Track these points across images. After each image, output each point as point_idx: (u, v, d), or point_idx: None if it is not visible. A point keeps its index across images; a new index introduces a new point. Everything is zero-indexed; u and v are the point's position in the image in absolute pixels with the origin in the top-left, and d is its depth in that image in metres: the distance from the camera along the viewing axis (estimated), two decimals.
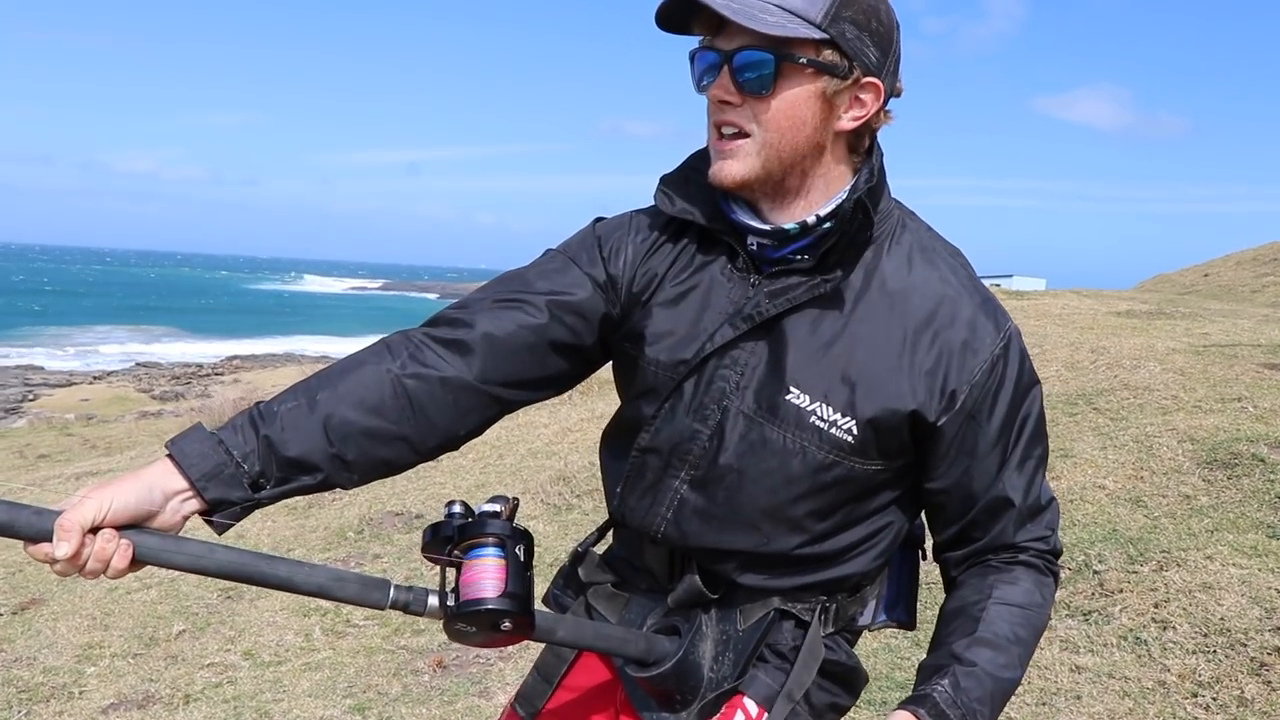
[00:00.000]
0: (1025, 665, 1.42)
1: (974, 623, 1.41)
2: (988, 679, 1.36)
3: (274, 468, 1.34)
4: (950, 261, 1.45)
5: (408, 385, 1.41)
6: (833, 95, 1.35)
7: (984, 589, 1.44)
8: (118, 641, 4.73)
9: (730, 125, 1.36)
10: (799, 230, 1.40)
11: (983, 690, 1.35)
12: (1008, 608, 1.41)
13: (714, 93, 1.36)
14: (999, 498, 1.43)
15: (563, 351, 1.48)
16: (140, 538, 1.26)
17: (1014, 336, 1.42)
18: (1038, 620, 1.44)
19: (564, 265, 1.50)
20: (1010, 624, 1.40)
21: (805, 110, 1.34)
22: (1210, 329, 10.58)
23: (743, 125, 1.36)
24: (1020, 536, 1.45)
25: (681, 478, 1.46)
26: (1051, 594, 1.47)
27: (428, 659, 4.31)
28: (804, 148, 1.37)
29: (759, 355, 1.41)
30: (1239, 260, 24.05)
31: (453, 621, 1.32)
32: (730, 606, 1.51)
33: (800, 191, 1.40)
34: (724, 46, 1.33)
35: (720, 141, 1.38)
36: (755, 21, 1.28)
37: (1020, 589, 1.43)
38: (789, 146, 1.36)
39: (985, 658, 1.37)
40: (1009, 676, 1.39)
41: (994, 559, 1.47)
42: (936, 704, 1.33)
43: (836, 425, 1.38)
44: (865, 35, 1.33)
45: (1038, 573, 1.46)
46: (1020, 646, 1.40)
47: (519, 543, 1.35)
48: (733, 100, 1.34)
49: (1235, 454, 5.34)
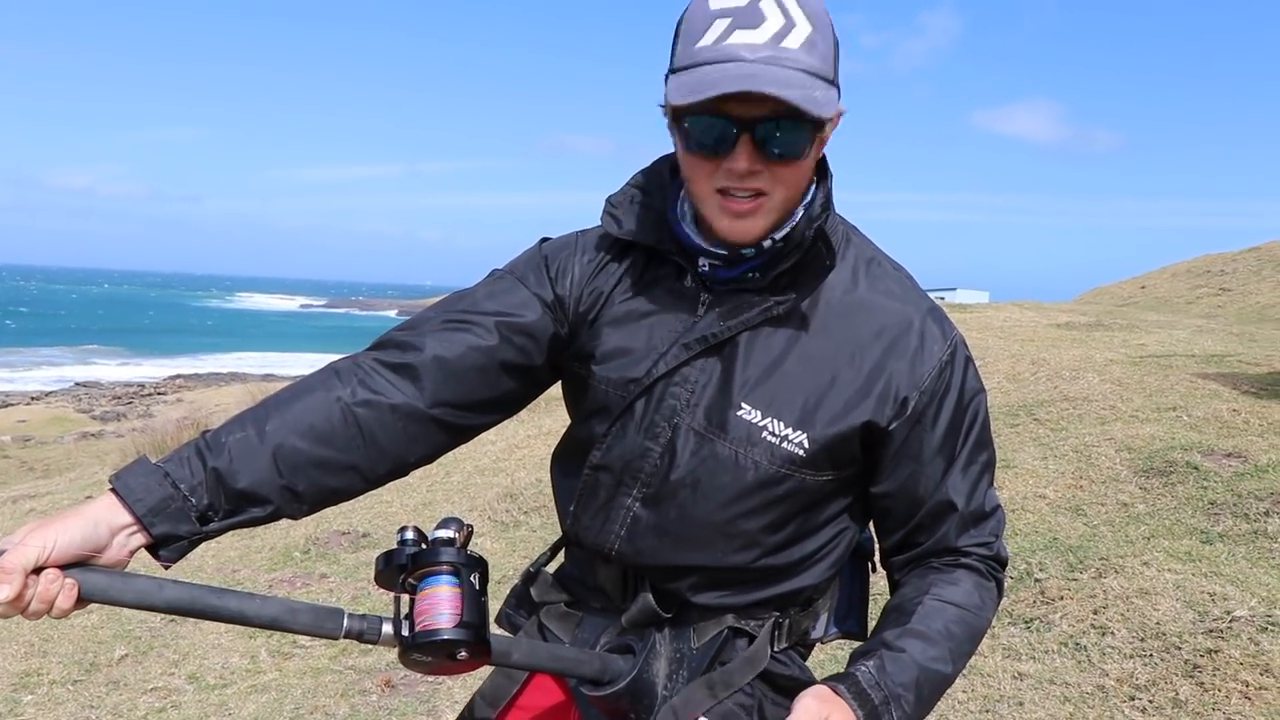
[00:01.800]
0: (958, 663, 1.41)
1: (907, 616, 1.41)
2: (914, 667, 1.36)
3: (223, 500, 1.31)
4: (894, 274, 1.47)
5: (358, 414, 1.39)
6: (820, 139, 1.35)
7: (923, 587, 1.45)
8: (57, 668, 4.64)
9: (746, 191, 1.34)
10: (755, 252, 1.40)
11: (908, 676, 1.35)
12: (943, 604, 1.42)
13: (738, 165, 1.31)
14: (942, 502, 1.44)
15: (512, 372, 1.48)
16: (85, 576, 1.22)
17: (959, 344, 1.45)
18: (974, 621, 1.44)
19: (512, 286, 1.50)
20: (944, 620, 1.41)
21: (811, 161, 1.35)
22: (1147, 340, 10.82)
23: (762, 188, 1.33)
24: (963, 541, 1.46)
25: (634, 495, 1.46)
26: (993, 599, 1.48)
27: (375, 679, 4.28)
28: (803, 190, 1.38)
29: (709, 373, 1.42)
30: (1174, 273, 24.58)
31: (408, 652, 1.31)
32: (684, 625, 1.51)
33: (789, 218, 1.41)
34: (742, 114, 1.29)
35: (733, 203, 1.34)
36: (816, 106, 1.26)
37: (959, 589, 1.44)
38: (797, 196, 1.37)
39: (914, 647, 1.37)
40: (938, 669, 1.38)
41: (936, 562, 1.48)
42: (858, 683, 1.32)
43: (788, 440, 1.39)
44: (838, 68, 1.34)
45: (979, 576, 1.47)
46: (952, 642, 1.40)
47: (473, 570, 1.33)
48: (758, 169, 1.32)
49: (1170, 462, 5.47)
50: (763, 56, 1.26)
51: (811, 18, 1.29)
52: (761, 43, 1.27)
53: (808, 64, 1.27)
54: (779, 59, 1.26)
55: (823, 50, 1.29)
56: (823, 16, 1.31)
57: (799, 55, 1.27)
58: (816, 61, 1.28)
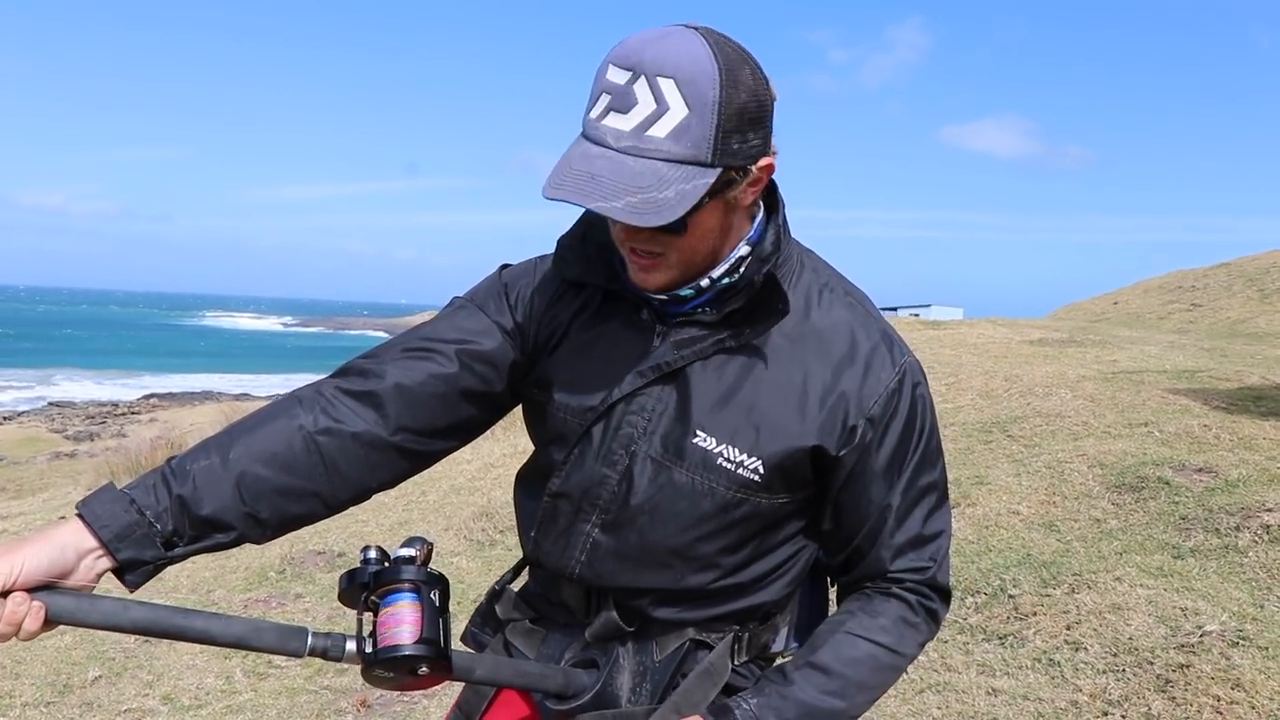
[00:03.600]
0: (859, 698, 1.44)
1: (814, 648, 1.45)
2: (801, 704, 1.40)
3: (187, 526, 1.34)
4: (846, 299, 1.49)
5: (320, 442, 1.42)
6: (733, 198, 1.36)
7: (843, 616, 1.48)
8: (29, 690, 4.59)
9: (645, 252, 1.37)
10: (694, 292, 1.43)
11: (791, 713, 1.39)
12: (854, 638, 1.44)
13: (618, 233, 1.37)
14: (879, 525, 1.46)
15: (473, 399, 1.51)
16: (52, 599, 1.25)
17: (909, 369, 1.46)
18: (885, 659, 1.46)
19: (472, 314, 1.52)
20: (851, 653, 1.43)
21: (714, 223, 1.36)
22: (1119, 356, 10.92)
23: (657, 250, 1.36)
24: (897, 565, 1.47)
25: (593, 521, 1.49)
26: (917, 633, 1.49)
27: (351, 699, 4.27)
28: (716, 243, 1.39)
29: (665, 401, 1.44)
30: (1146, 288, 24.82)
31: (370, 668, 1.34)
32: (646, 639, 1.53)
33: (711, 266, 1.42)
34: None
35: (636, 257, 1.38)
36: (660, 215, 1.26)
37: (877, 623, 1.46)
38: (705, 252, 1.38)
39: (811, 680, 1.41)
40: (830, 705, 1.41)
41: (870, 587, 1.50)
42: None
43: (743, 465, 1.42)
44: (748, 134, 1.31)
45: (906, 608, 1.48)
46: (855, 677, 1.43)
47: (434, 587, 1.36)
48: (640, 239, 1.35)
49: (1142, 478, 5.52)
50: (624, 146, 1.27)
51: (692, 103, 1.26)
52: (627, 130, 1.27)
53: (670, 152, 1.26)
54: (639, 149, 1.26)
55: (698, 135, 1.27)
56: (706, 99, 1.27)
57: (663, 144, 1.26)
58: (684, 149, 1.26)
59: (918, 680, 3.83)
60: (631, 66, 1.27)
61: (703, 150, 1.27)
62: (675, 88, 1.26)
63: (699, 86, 1.26)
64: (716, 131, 1.27)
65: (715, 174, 1.29)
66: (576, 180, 1.27)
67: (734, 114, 1.28)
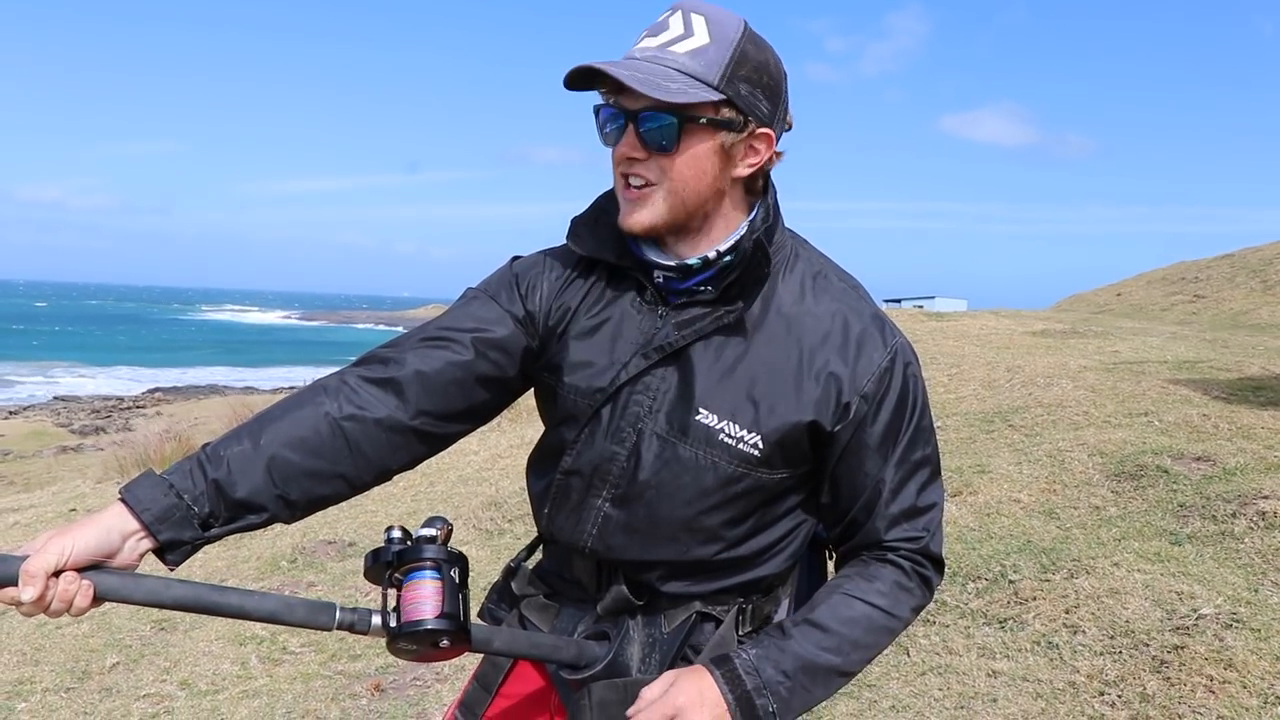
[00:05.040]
0: (854, 655, 1.52)
1: (813, 606, 1.53)
2: (799, 656, 1.47)
3: (222, 508, 1.44)
4: (839, 285, 1.59)
5: (345, 427, 1.52)
6: (730, 147, 1.49)
7: (840, 579, 1.57)
8: (49, 676, 4.69)
9: (638, 177, 1.49)
10: (701, 264, 1.54)
11: (789, 665, 1.47)
12: (850, 599, 1.53)
13: (621, 150, 1.48)
14: (874, 497, 1.55)
15: (487, 384, 1.61)
16: (100, 577, 1.36)
17: (900, 349, 1.56)
18: (880, 620, 1.54)
19: (485, 304, 1.63)
20: (848, 614, 1.51)
21: (706, 162, 1.48)
22: (1120, 347, 10.98)
23: (649, 177, 1.48)
24: (891, 535, 1.56)
25: (604, 496, 1.58)
26: (911, 596, 1.57)
27: (365, 683, 4.36)
28: (706, 194, 1.50)
29: (669, 380, 1.54)
30: (1149, 280, 24.84)
31: (395, 640, 1.44)
32: (655, 612, 1.62)
33: (702, 231, 1.54)
34: (629, 105, 1.45)
35: (628, 191, 1.51)
36: (659, 90, 1.40)
37: (873, 586, 1.54)
38: (693, 194, 1.50)
39: (807, 635, 1.49)
40: (826, 661, 1.49)
41: (866, 555, 1.59)
42: (734, 669, 1.45)
43: (744, 441, 1.51)
44: (757, 91, 1.47)
45: (901, 573, 1.56)
46: (851, 635, 1.51)
47: (454, 565, 1.46)
48: (639, 156, 1.47)
49: (1141, 466, 5.60)
50: (646, 56, 1.44)
51: (714, 35, 1.45)
52: (654, 46, 1.45)
53: (683, 65, 1.43)
54: (658, 58, 1.44)
55: (711, 58, 1.44)
56: (728, 37, 1.46)
57: (681, 59, 1.43)
58: (696, 66, 1.43)
59: (920, 663, 3.92)
60: (673, 6, 1.47)
61: (713, 73, 1.43)
62: (704, 23, 1.45)
63: (725, 27, 1.45)
64: (730, 65, 1.44)
65: (718, 97, 1.44)
66: (586, 66, 1.43)
67: (749, 64, 1.46)
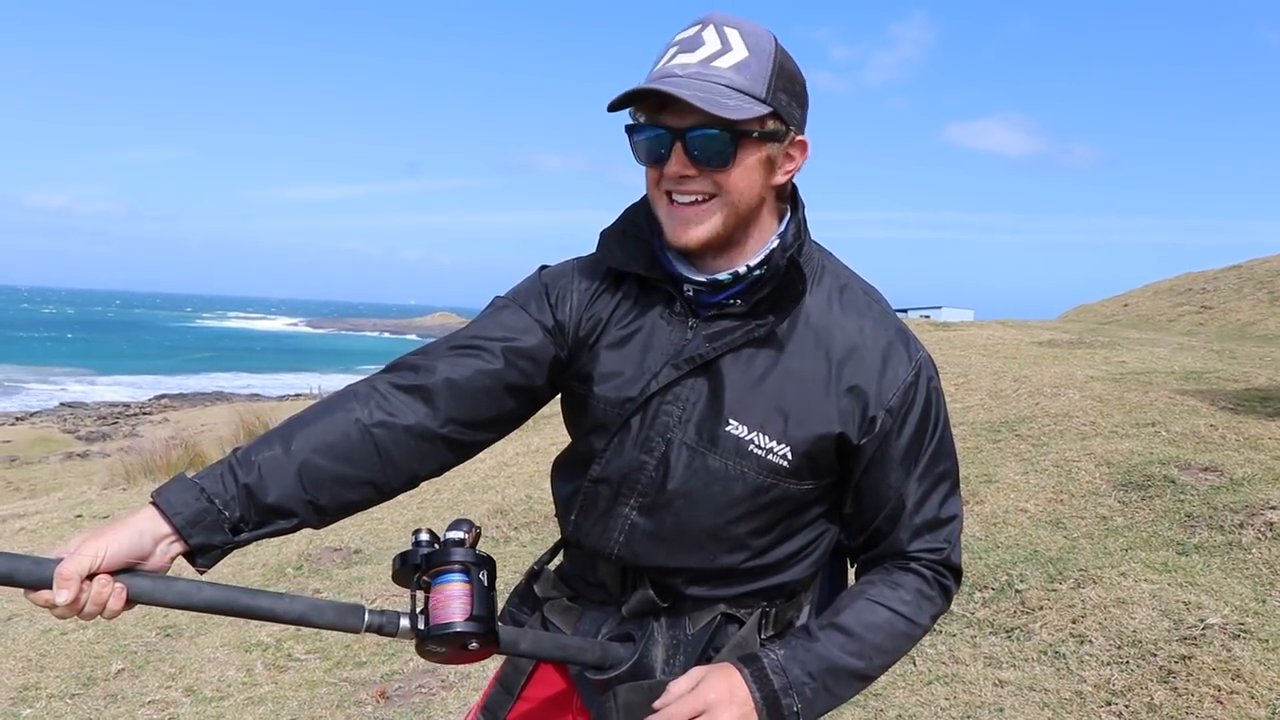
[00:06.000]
0: (876, 660, 1.53)
1: (837, 610, 1.54)
2: (824, 659, 1.49)
3: (253, 513, 1.44)
4: (865, 299, 1.60)
5: (375, 434, 1.52)
6: (774, 157, 1.51)
7: (864, 585, 1.58)
8: (54, 682, 4.69)
9: (689, 194, 1.49)
10: (731, 279, 1.55)
11: (815, 666, 1.48)
12: (874, 605, 1.54)
13: (673, 168, 1.47)
14: (898, 509, 1.57)
15: (516, 392, 1.61)
16: (132, 580, 1.36)
17: (924, 364, 1.57)
18: (902, 626, 1.55)
19: (515, 313, 1.63)
20: (871, 618, 1.53)
21: (755, 173, 1.49)
22: (1128, 357, 10.95)
23: (704, 192, 1.49)
24: (914, 546, 1.58)
25: (631, 505, 1.59)
26: (933, 605, 1.59)
27: (370, 690, 4.35)
28: (754, 205, 1.52)
29: (699, 391, 1.54)
30: (1156, 290, 24.78)
31: (424, 643, 1.44)
32: (680, 614, 1.63)
33: (742, 243, 1.55)
34: (675, 124, 1.45)
35: (678, 207, 1.50)
36: (720, 109, 1.40)
37: (896, 593, 1.56)
38: (746, 206, 1.51)
39: (832, 639, 1.50)
40: (851, 664, 1.50)
41: (889, 564, 1.60)
42: (763, 668, 1.46)
43: (773, 452, 1.52)
44: (793, 100, 1.49)
45: (923, 581, 1.58)
46: (874, 640, 1.52)
47: (482, 568, 1.46)
48: (690, 173, 1.47)
49: (1149, 476, 5.58)
50: (690, 73, 1.43)
51: (751, 48, 1.45)
52: (694, 63, 1.44)
53: (731, 80, 1.43)
54: (704, 75, 1.43)
55: (755, 72, 1.45)
56: (765, 49, 1.46)
57: (726, 74, 1.43)
58: (744, 80, 1.44)
59: (926, 672, 3.91)
60: (701, 21, 1.47)
61: (759, 86, 1.44)
62: (739, 36, 1.45)
63: (760, 39, 1.46)
64: (772, 77, 1.45)
65: (766, 110, 1.45)
66: (647, 87, 1.43)
67: (786, 74, 1.47)
